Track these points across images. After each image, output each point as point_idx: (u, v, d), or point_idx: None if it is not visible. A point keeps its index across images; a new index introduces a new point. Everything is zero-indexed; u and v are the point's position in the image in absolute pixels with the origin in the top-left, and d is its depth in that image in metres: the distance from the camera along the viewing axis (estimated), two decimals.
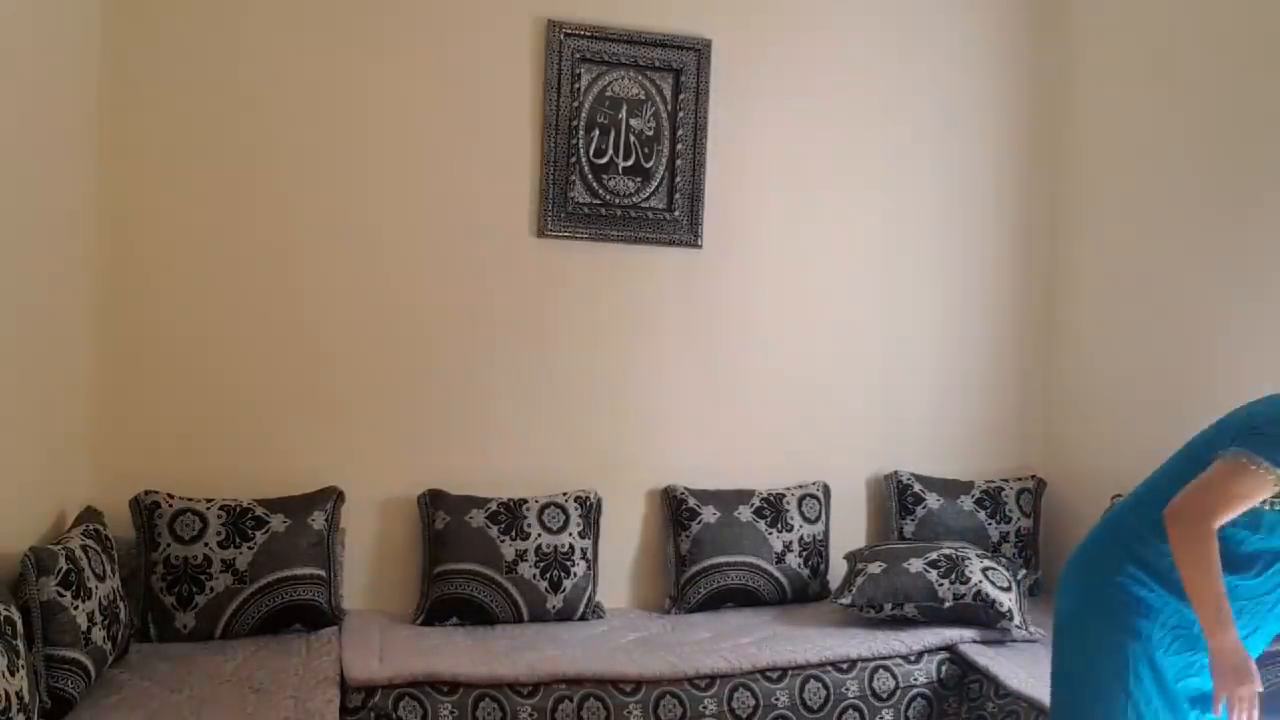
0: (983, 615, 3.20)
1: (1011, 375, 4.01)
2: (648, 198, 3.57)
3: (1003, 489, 3.80)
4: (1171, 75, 3.48)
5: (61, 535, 2.62)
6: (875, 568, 3.27)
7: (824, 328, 3.78)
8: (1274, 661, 2.44)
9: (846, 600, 3.26)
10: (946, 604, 3.19)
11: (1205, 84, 3.33)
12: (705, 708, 2.83)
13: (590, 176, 3.50)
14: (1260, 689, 1.91)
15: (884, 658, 3.05)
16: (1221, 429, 2.09)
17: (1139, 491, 2.21)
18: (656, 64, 3.54)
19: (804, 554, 3.56)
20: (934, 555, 3.28)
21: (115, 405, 3.09)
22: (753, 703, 2.88)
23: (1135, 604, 2.07)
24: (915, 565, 3.25)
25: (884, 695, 3.02)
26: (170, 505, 2.95)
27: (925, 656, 3.10)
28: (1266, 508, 1.98)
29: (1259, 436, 1.98)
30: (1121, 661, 2.06)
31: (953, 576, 3.21)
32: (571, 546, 3.29)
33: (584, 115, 3.48)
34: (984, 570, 3.25)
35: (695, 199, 3.60)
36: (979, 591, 3.19)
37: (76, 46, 2.91)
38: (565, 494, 3.39)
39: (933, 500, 3.72)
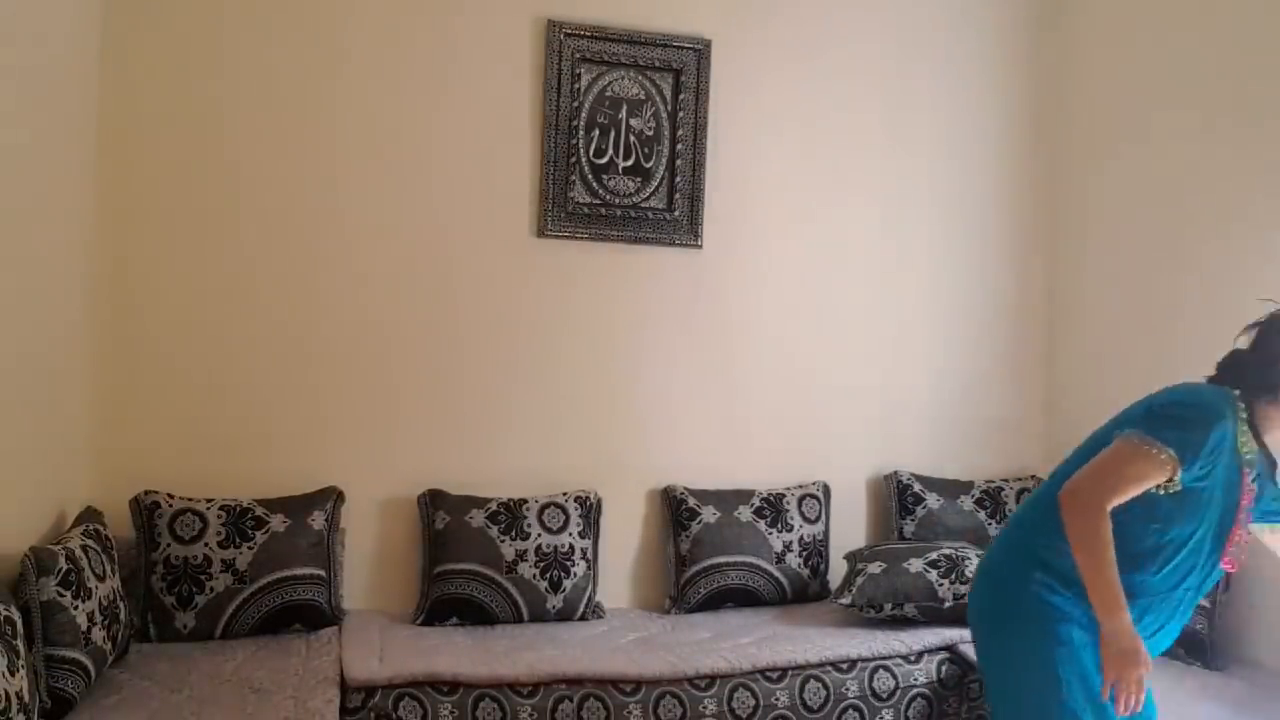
0: None
1: (1011, 375, 4.01)
2: (648, 198, 3.57)
3: (1003, 489, 3.79)
4: (1171, 75, 3.47)
5: (61, 535, 2.62)
6: (875, 568, 3.27)
7: (824, 327, 3.78)
8: None
9: (846, 600, 3.26)
10: (947, 604, 3.19)
11: (1205, 83, 3.33)
12: (705, 708, 2.83)
13: (590, 176, 3.50)
14: (1149, 672, 1.89)
15: (884, 658, 3.05)
16: (1121, 418, 2.08)
17: (1039, 490, 2.18)
18: (656, 64, 3.54)
19: (804, 554, 3.56)
20: (934, 555, 3.28)
21: (115, 405, 3.09)
22: (753, 703, 2.87)
23: (1049, 610, 2.04)
24: (915, 565, 3.24)
25: (884, 695, 3.02)
26: (170, 505, 2.95)
27: (925, 656, 3.10)
28: (1160, 492, 1.97)
29: (1154, 418, 1.98)
30: (1049, 669, 2.02)
31: (953, 576, 3.21)
32: (571, 546, 3.29)
33: (584, 115, 3.48)
34: None
35: (695, 199, 3.60)
36: None
37: (77, 49, 2.92)
38: (565, 494, 3.39)
39: (933, 500, 3.72)
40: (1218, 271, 3.25)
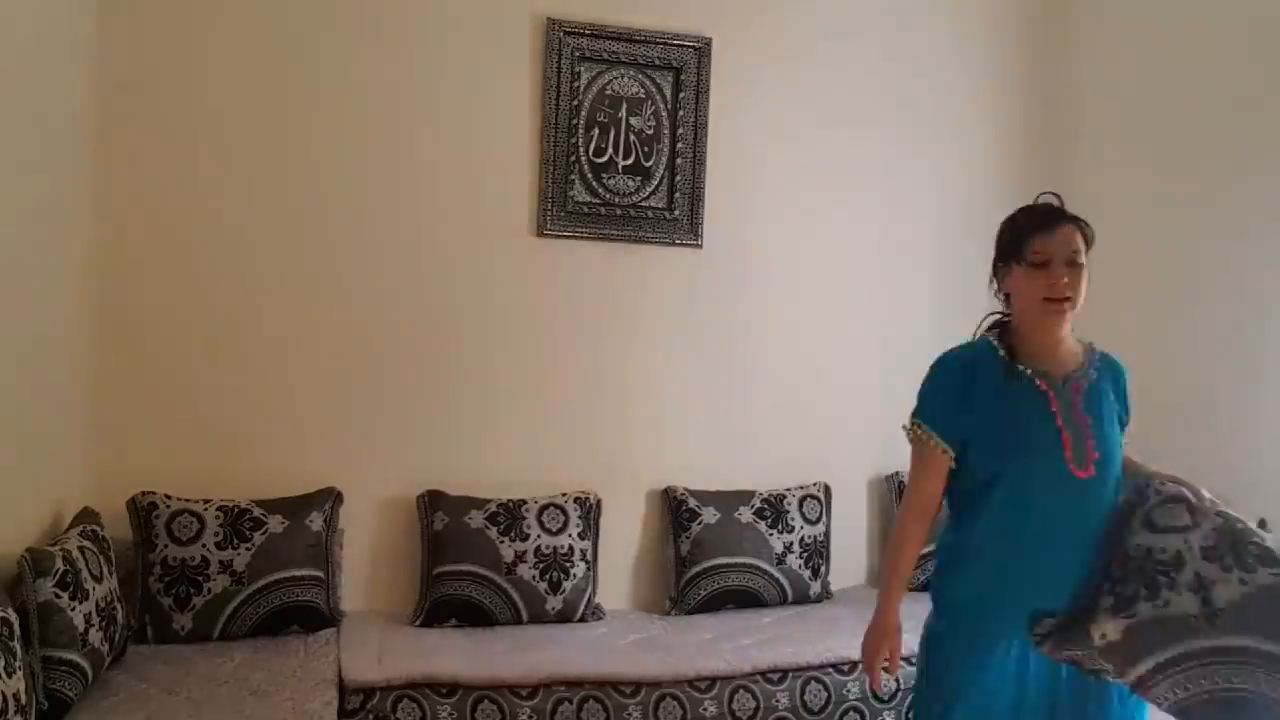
0: None
1: None
2: (648, 197, 3.56)
3: None
4: (1174, 79, 3.47)
5: (59, 536, 2.61)
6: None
7: (824, 327, 3.78)
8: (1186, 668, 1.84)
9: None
10: None
11: (1208, 86, 3.32)
12: (705, 709, 2.82)
13: (590, 176, 3.49)
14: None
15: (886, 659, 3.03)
16: None
17: None
18: (656, 62, 3.53)
19: (805, 555, 3.55)
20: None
21: (112, 405, 3.08)
22: (753, 704, 2.86)
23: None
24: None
25: (885, 697, 3.01)
26: (168, 506, 2.94)
27: None
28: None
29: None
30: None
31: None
32: (571, 548, 3.28)
33: (584, 114, 3.47)
34: None
35: (695, 198, 3.59)
36: None
37: (72, 51, 2.90)
38: (564, 495, 3.38)
39: None
40: (1218, 273, 3.25)
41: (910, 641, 2.14)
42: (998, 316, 2.16)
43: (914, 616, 2.20)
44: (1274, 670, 1.77)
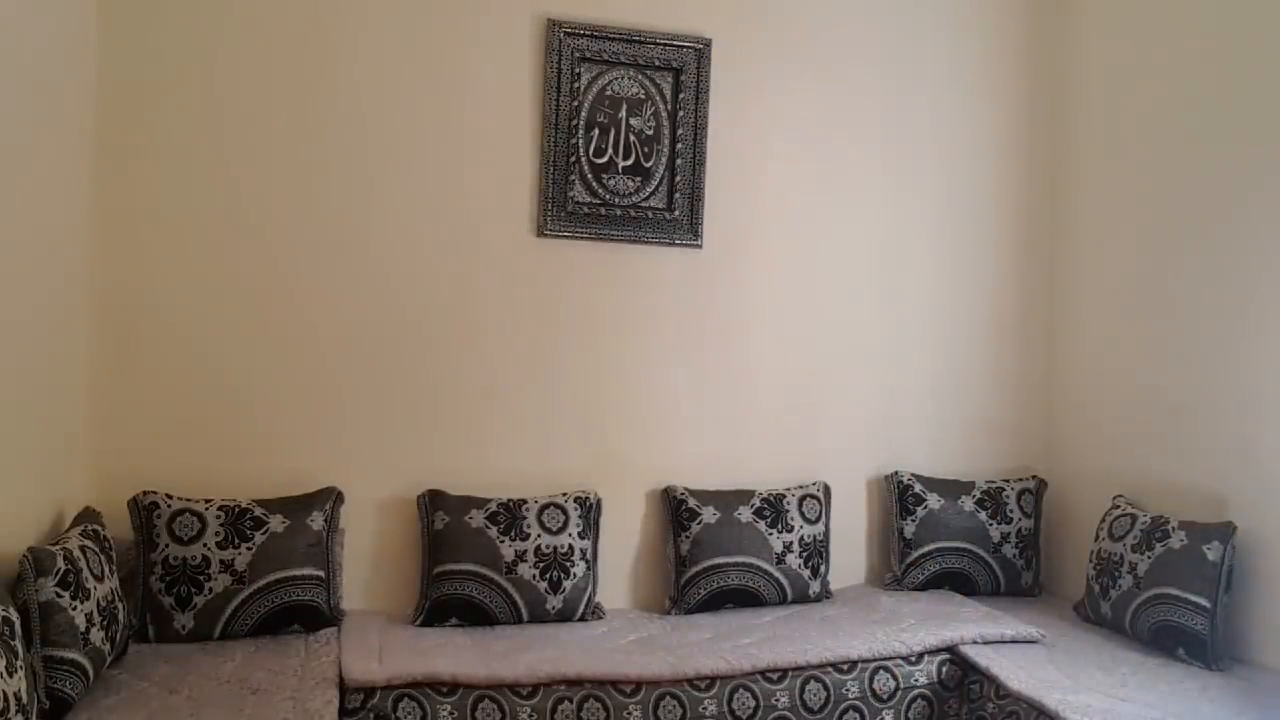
0: None
1: (1012, 375, 4.00)
2: (648, 197, 3.56)
3: (1003, 489, 3.79)
4: (1171, 78, 3.47)
5: (60, 535, 2.61)
6: None
7: (824, 327, 3.78)
8: None
9: None
10: None
11: (1205, 85, 3.33)
12: (705, 709, 2.82)
13: (590, 176, 3.49)
14: None
15: (884, 658, 3.05)
16: None
17: None
18: (656, 63, 3.53)
19: (804, 554, 3.55)
20: None
21: (114, 405, 3.09)
22: (753, 704, 2.87)
23: None
24: None
25: (884, 696, 3.02)
26: (169, 505, 2.95)
27: (926, 657, 3.10)
28: None
29: None
30: None
31: None
32: (571, 547, 3.28)
33: (584, 115, 3.48)
34: None
35: (695, 199, 3.59)
36: None
37: (74, 49, 2.91)
38: (565, 494, 3.39)
39: (933, 501, 3.72)
40: (1216, 272, 3.25)
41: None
42: None
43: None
44: None
